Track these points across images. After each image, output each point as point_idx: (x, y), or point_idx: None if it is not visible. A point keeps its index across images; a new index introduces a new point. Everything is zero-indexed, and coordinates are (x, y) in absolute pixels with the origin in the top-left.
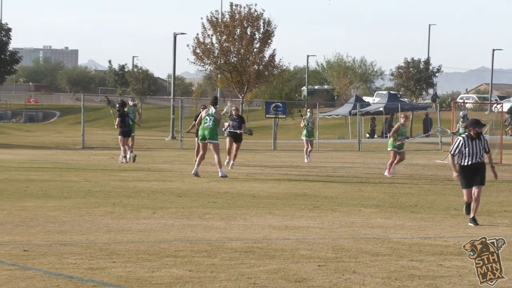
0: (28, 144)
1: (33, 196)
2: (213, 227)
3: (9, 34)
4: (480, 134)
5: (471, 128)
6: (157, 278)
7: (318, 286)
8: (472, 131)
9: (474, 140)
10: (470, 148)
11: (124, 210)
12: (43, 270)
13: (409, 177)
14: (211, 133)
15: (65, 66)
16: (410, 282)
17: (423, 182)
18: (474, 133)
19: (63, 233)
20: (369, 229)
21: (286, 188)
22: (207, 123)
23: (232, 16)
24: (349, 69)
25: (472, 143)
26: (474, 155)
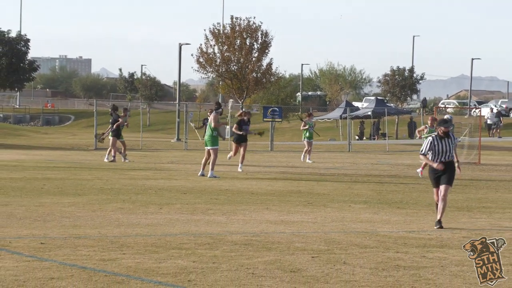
0: (45, 146)
1: (49, 193)
2: (215, 222)
3: (28, 45)
4: (447, 133)
5: (438, 127)
6: (164, 268)
7: (311, 276)
8: (439, 130)
9: (442, 139)
10: (439, 147)
11: (133, 206)
12: (59, 261)
13: (395, 175)
14: (208, 139)
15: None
16: (396, 272)
17: (408, 180)
18: (441, 132)
19: (77, 227)
20: (358, 223)
21: (282, 186)
22: (206, 130)
23: (233, 28)
24: (340, 76)
25: (441, 142)
26: (442, 154)
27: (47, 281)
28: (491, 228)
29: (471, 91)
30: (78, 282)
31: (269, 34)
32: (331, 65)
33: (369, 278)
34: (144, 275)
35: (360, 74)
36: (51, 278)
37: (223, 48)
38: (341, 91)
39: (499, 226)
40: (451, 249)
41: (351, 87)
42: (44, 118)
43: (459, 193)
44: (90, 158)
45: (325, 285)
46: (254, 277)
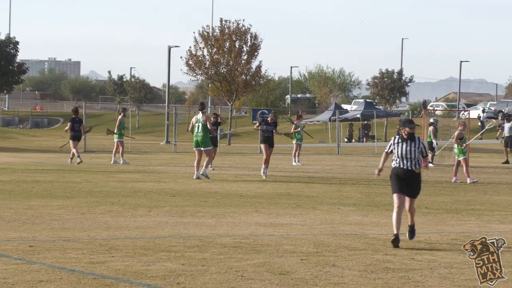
0: (34, 148)
1: (38, 196)
2: (204, 224)
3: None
4: (413, 135)
5: (401, 128)
6: (153, 271)
7: (300, 278)
8: (403, 131)
9: (405, 141)
10: (400, 150)
11: (122, 209)
12: (48, 264)
13: (384, 178)
14: (202, 139)
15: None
16: (384, 274)
17: None
18: (405, 134)
19: (66, 230)
20: (347, 226)
21: (271, 188)
22: (197, 130)
23: (222, 30)
24: (329, 79)
25: (403, 144)
26: (404, 159)
27: (36, 284)
28: (479, 230)
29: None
30: (67, 285)
31: (258, 37)
32: (320, 68)
33: (358, 281)
34: (133, 278)
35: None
36: (40, 281)
37: (212, 50)
38: (330, 94)
39: (488, 229)
40: (439, 251)
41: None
42: (33, 120)
43: (447, 196)
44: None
45: (314, 287)
46: (243, 279)
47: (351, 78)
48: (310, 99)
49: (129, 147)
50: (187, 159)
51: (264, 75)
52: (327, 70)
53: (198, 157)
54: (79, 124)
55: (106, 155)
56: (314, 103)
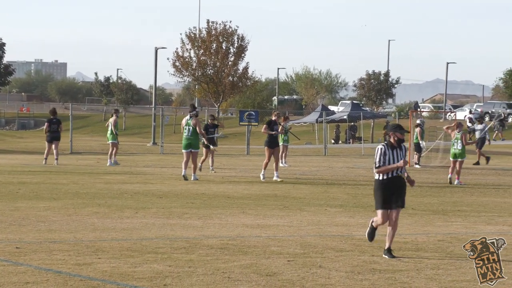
0: (20, 150)
1: (25, 198)
2: (191, 226)
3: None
4: (402, 141)
5: (391, 133)
6: (139, 273)
7: (287, 280)
8: (392, 137)
9: (394, 148)
10: (390, 158)
11: (108, 210)
12: (34, 266)
13: (370, 179)
14: (193, 142)
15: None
16: (371, 275)
17: None
18: (394, 140)
19: (53, 232)
20: (334, 227)
21: (258, 189)
22: (186, 133)
23: (209, 32)
24: (315, 80)
25: (393, 152)
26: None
27: (22, 285)
28: (466, 231)
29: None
30: (53, 286)
31: (245, 38)
32: (307, 69)
33: (344, 282)
34: (119, 280)
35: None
36: (27, 283)
37: (199, 52)
38: (317, 95)
39: (475, 230)
40: (426, 253)
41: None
42: (20, 122)
43: (434, 197)
44: (65, 162)
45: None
46: (230, 281)
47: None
48: (297, 101)
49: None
50: (174, 161)
51: (251, 76)
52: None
53: (186, 158)
54: (57, 125)
55: (93, 156)
56: (301, 104)
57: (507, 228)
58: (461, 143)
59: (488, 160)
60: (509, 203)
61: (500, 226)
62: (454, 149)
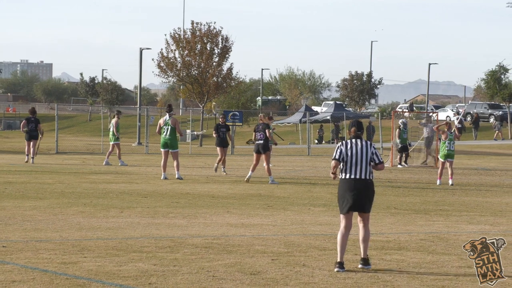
0: (7, 150)
1: (11, 197)
2: (176, 225)
3: None
4: (359, 137)
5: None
6: (125, 271)
7: (271, 278)
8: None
9: (355, 145)
10: (351, 155)
11: (94, 210)
12: (20, 264)
13: None
14: (171, 142)
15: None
16: (354, 274)
17: None
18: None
19: (39, 231)
20: (318, 226)
21: (242, 189)
22: (165, 133)
23: (193, 33)
24: (299, 81)
25: (354, 148)
26: (356, 166)
27: (8, 284)
28: (448, 231)
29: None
30: (39, 285)
31: (229, 39)
32: (291, 70)
33: (328, 280)
34: (105, 278)
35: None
36: (13, 281)
37: (183, 52)
38: (300, 96)
39: (456, 229)
40: (408, 251)
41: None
42: (6, 122)
43: (416, 196)
44: (51, 162)
45: (285, 287)
46: (214, 279)
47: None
48: (280, 101)
49: (101, 149)
50: (159, 160)
51: (235, 77)
52: (298, 72)
53: (165, 158)
54: (35, 124)
55: (78, 156)
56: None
57: (488, 227)
58: (453, 144)
59: (426, 163)
60: (490, 203)
61: (482, 225)
62: (447, 150)
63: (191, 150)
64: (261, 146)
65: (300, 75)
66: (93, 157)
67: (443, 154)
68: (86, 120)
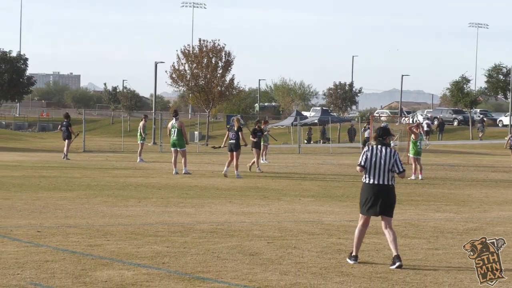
0: (41, 149)
1: (45, 189)
2: (186, 213)
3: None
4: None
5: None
6: (142, 252)
7: (267, 259)
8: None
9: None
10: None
11: (115, 200)
12: (53, 247)
13: (337, 174)
14: (178, 142)
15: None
16: (338, 255)
17: (348, 178)
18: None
19: (68, 218)
20: (307, 214)
21: (242, 182)
22: (173, 134)
23: (201, 48)
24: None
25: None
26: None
27: (42, 263)
28: (418, 218)
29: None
30: (69, 264)
31: (231, 54)
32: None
33: (315, 260)
34: (125, 258)
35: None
36: (46, 261)
37: (192, 66)
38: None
39: (425, 216)
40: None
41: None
42: (40, 125)
43: None
44: (79, 159)
45: (279, 266)
46: (218, 259)
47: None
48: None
49: (122, 147)
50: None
51: (236, 86)
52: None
53: (175, 155)
54: (66, 126)
55: (102, 154)
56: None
57: (453, 215)
58: (421, 143)
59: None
60: (454, 194)
61: (447, 213)
62: (418, 148)
63: (198, 149)
64: (233, 145)
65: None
66: (114, 155)
67: (413, 152)
68: (109, 123)
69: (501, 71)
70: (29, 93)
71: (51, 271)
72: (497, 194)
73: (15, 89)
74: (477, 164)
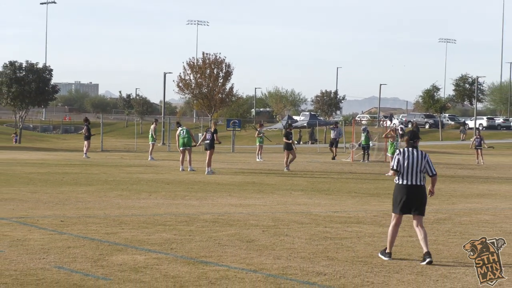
0: (64, 149)
1: (67, 184)
2: (191, 205)
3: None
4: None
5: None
6: (152, 239)
7: (262, 245)
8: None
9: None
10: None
11: (129, 193)
12: (74, 234)
13: (324, 170)
14: (188, 141)
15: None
16: (324, 241)
17: (333, 174)
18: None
19: (88, 209)
20: (297, 206)
21: (240, 178)
22: (182, 134)
23: (204, 61)
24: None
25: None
26: (410, 175)
27: (65, 249)
28: None
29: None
30: (88, 250)
31: (231, 65)
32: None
33: (304, 246)
34: (138, 245)
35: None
36: (68, 247)
37: (196, 76)
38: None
39: None
40: (365, 225)
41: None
42: (63, 128)
43: (371, 184)
44: (97, 157)
45: (272, 251)
46: (220, 246)
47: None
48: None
49: (135, 148)
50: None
51: (235, 94)
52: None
53: (182, 155)
54: (85, 128)
55: (117, 153)
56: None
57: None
58: (398, 144)
59: (334, 158)
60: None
61: None
62: (395, 148)
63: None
64: (208, 144)
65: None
66: (128, 154)
67: (391, 151)
68: (124, 126)
69: (467, 80)
70: (53, 100)
71: (72, 255)
72: (463, 189)
73: (41, 96)
74: (447, 162)
